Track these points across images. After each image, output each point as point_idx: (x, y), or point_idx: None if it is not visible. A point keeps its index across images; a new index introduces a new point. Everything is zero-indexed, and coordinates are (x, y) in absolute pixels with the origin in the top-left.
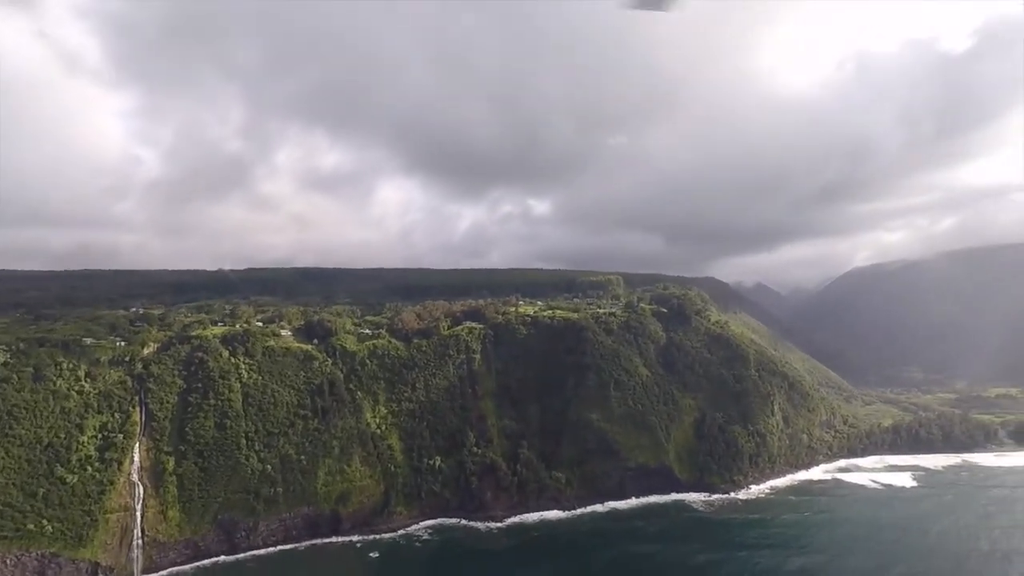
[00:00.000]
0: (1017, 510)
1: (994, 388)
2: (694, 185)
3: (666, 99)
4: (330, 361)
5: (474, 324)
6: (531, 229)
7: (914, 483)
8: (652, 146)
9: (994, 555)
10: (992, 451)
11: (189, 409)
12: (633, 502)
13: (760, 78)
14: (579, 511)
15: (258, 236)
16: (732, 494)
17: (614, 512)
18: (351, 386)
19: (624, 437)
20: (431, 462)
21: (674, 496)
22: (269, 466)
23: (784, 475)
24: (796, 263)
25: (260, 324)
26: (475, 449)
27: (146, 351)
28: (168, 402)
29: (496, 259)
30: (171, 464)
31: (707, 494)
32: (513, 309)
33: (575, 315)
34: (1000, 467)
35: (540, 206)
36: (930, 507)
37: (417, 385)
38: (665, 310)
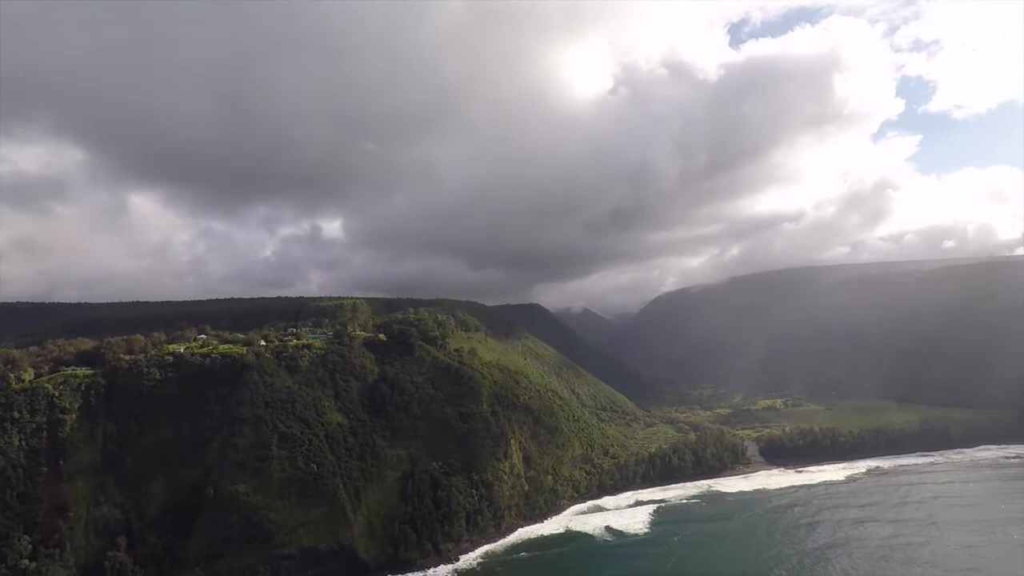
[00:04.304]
0: (715, 553)
1: (763, 400)
2: (485, 204)
3: (448, 107)
4: None
5: (79, 371)
6: (334, 254)
7: (647, 527)
8: (437, 160)
9: None
10: (739, 473)
11: None
12: None
13: (541, 92)
14: None
15: None
16: (431, 570)
17: None
18: None
19: (285, 513)
20: None
21: None
22: None
23: (512, 532)
24: (617, 289)
25: None
26: (26, 562)
27: None
28: None
29: (314, 288)
30: None
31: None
32: (155, 348)
33: (244, 351)
34: (738, 491)
35: (330, 227)
36: (648, 559)
37: None
38: (384, 338)
